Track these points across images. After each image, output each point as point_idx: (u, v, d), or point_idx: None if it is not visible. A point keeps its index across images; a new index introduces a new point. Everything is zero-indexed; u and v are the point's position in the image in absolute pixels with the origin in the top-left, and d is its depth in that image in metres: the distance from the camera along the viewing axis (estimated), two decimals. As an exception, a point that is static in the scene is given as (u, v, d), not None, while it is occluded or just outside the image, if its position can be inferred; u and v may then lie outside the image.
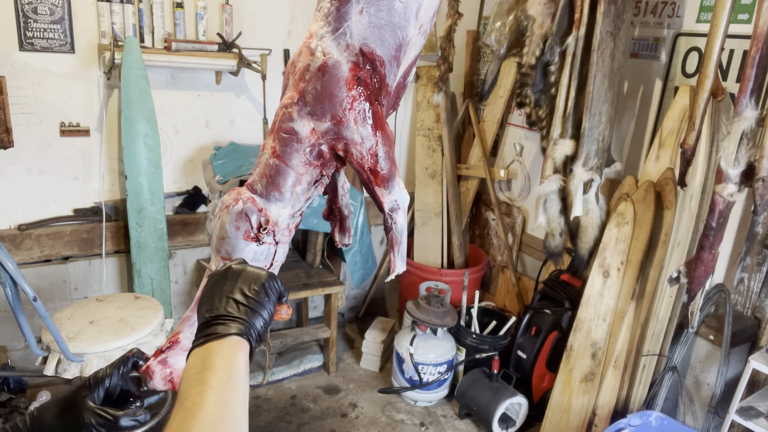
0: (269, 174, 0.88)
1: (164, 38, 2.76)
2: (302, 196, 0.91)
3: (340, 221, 1.06)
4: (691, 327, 2.38)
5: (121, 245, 3.02)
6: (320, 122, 0.85)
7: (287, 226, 0.91)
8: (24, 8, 2.54)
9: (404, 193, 0.92)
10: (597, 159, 2.62)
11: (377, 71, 0.87)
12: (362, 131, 0.85)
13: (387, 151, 0.88)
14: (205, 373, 0.66)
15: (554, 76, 2.63)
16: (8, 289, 1.92)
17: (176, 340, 0.88)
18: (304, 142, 0.86)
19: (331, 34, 0.84)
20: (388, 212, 0.91)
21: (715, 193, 2.06)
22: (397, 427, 2.97)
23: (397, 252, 0.94)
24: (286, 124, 0.87)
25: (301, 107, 0.85)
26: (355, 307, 4.01)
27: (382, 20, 0.85)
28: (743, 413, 2.23)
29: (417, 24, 0.90)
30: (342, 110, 0.84)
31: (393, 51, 0.88)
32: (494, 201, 3.60)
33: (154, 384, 0.87)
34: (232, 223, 0.87)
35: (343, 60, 0.84)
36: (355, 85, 0.84)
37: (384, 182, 0.89)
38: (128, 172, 2.77)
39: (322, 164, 0.89)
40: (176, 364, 0.88)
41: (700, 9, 2.55)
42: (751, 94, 1.93)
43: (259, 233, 0.88)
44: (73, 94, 2.76)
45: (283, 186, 0.88)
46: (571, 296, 2.89)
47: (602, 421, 2.57)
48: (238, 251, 0.88)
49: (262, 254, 0.90)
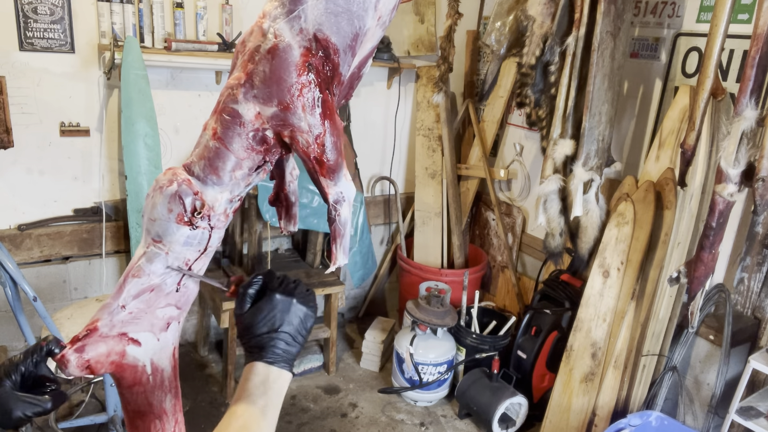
0: (208, 156, 0.85)
1: (164, 38, 2.76)
2: (242, 182, 0.88)
3: (287, 208, 1.04)
4: (691, 327, 2.38)
5: (121, 245, 3.02)
6: (266, 106, 0.83)
7: (224, 211, 0.89)
8: (24, 8, 2.54)
9: (350, 185, 0.90)
10: (597, 159, 2.62)
11: (330, 59, 0.84)
12: (310, 119, 0.83)
13: (335, 141, 0.85)
14: (270, 395, 0.87)
15: (554, 76, 2.63)
16: (8, 289, 1.92)
17: (94, 328, 0.87)
18: (247, 126, 0.84)
19: (285, 16, 0.81)
20: (333, 204, 0.88)
21: (715, 193, 2.06)
22: (397, 427, 2.97)
23: (339, 245, 0.92)
24: (230, 106, 0.84)
25: (248, 89, 0.83)
26: (355, 307, 4.01)
27: (340, 8, 0.82)
28: (743, 413, 2.23)
29: (376, 15, 0.87)
30: (290, 96, 0.81)
31: (348, 40, 0.85)
32: (494, 201, 3.60)
33: (70, 371, 0.86)
34: (165, 204, 0.84)
35: (295, 44, 0.81)
36: (305, 71, 0.82)
37: (329, 173, 0.86)
38: (128, 172, 2.77)
39: (265, 150, 0.86)
40: (93, 351, 0.86)
41: (700, 9, 2.55)
42: (751, 94, 1.93)
43: (193, 217, 0.85)
44: (73, 94, 2.76)
45: (222, 170, 0.85)
46: (571, 296, 2.89)
47: (602, 421, 2.57)
48: (169, 234, 0.85)
49: (195, 239, 0.87)
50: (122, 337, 0.89)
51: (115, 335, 0.88)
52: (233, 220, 3.11)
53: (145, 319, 0.90)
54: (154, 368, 0.93)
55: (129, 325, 0.89)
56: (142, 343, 0.91)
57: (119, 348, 0.89)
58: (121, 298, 0.88)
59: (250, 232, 3.02)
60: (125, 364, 0.90)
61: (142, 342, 0.91)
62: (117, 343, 0.88)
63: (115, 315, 0.88)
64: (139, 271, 0.88)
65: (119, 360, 0.89)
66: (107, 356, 0.88)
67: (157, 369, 0.93)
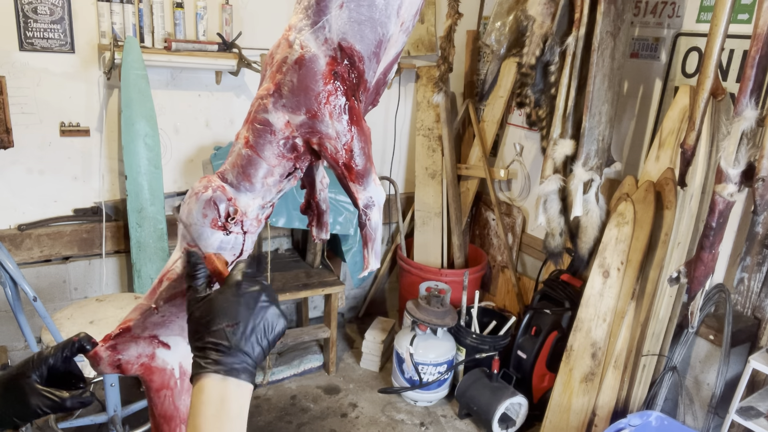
0: (241, 164, 0.87)
1: (164, 38, 2.76)
2: (273, 188, 0.90)
3: (318, 216, 1.05)
4: (691, 327, 2.38)
5: (121, 245, 3.02)
6: (295, 115, 0.85)
7: (256, 216, 0.90)
8: (24, 8, 2.54)
9: (380, 190, 0.92)
10: (597, 159, 2.62)
11: (355, 67, 0.86)
12: (337, 126, 0.85)
13: (362, 147, 0.87)
14: (223, 419, 0.70)
15: (554, 76, 2.63)
16: (8, 289, 1.92)
17: (127, 327, 0.88)
18: (277, 134, 0.86)
19: (309, 27, 0.84)
20: (363, 209, 0.90)
21: (715, 193, 2.06)
22: (397, 427, 2.97)
23: (371, 249, 0.93)
24: (260, 115, 0.86)
25: (277, 99, 0.85)
26: (355, 307, 4.01)
27: (363, 16, 0.84)
28: (743, 413, 2.23)
29: (398, 21, 0.89)
30: (317, 104, 0.84)
31: (373, 47, 0.87)
32: (494, 201, 3.60)
33: (101, 369, 0.87)
34: (200, 210, 0.86)
35: (321, 54, 0.84)
36: (331, 80, 0.84)
37: (358, 178, 0.88)
38: (128, 172, 2.77)
39: (295, 157, 0.89)
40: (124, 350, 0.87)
41: (700, 9, 2.55)
42: (751, 94, 1.93)
43: (226, 222, 0.87)
44: (73, 94, 2.76)
45: (254, 177, 0.87)
46: (571, 296, 2.89)
47: (602, 421, 2.57)
48: (203, 239, 0.87)
49: (228, 243, 0.89)
50: (153, 339, 0.90)
51: (147, 336, 0.89)
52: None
53: (177, 323, 0.91)
54: (182, 372, 0.93)
55: (160, 327, 0.90)
56: (172, 347, 0.92)
57: (149, 350, 0.90)
58: (154, 299, 0.89)
59: (250, 232, 3.02)
60: (154, 366, 0.90)
61: (171, 345, 0.92)
62: (147, 345, 0.89)
63: (148, 316, 0.89)
64: (173, 273, 0.89)
65: (148, 362, 0.90)
66: (137, 357, 0.89)
67: (185, 373, 0.94)
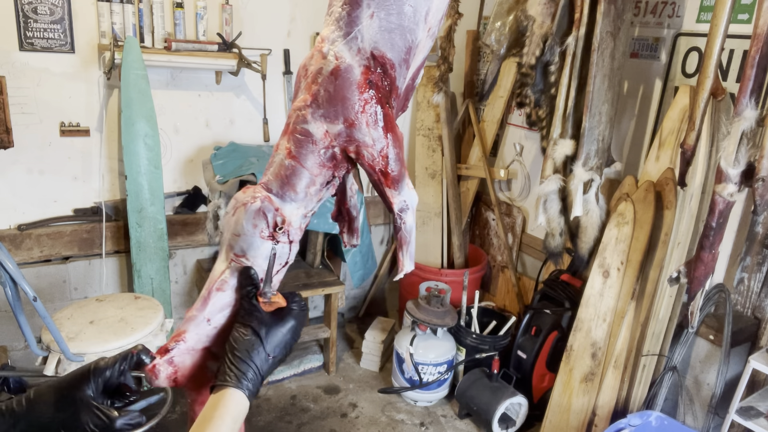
0: (285, 174, 0.89)
1: (164, 38, 2.76)
2: (315, 197, 0.92)
3: (349, 222, 1.07)
4: (691, 327, 2.38)
5: (121, 245, 3.02)
6: (333, 124, 0.87)
7: (299, 225, 0.92)
8: (24, 8, 2.54)
9: (413, 193, 0.95)
10: (597, 159, 2.62)
11: (388, 74, 0.89)
12: (373, 133, 0.87)
13: (397, 152, 0.90)
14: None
15: (554, 76, 2.63)
16: (8, 289, 1.92)
17: (182, 339, 0.88)
18: (318, 143, 0.88)
19: (343, 38, 0.86)
20: (398, 213, 0.92)
21: (715, 193, 2.06)
22: (397, 427, 2.97)
23: (405, 251, 0.95)
24: (300, 126, 0.88)
25: (315, 110, 0.87)
26: (355, 307, 4.01)
27: (392, 24, 0.87)
28: (743, 413, 2.23)
29: (426, 27, 0.91)
30: (354, 113, 0.86)
31: (403, 54, 0.90)
32: (494, 201, 3.60)
33: (159, 382, 0.87)
34: (250, 220, 0.87)
35: (355, 64, 0.86)
36: (366, 89, 0.86)
37: (394, 183, 0.90)
38: (128, 172, 2.77)
39: (334, 166, 0.91)
40: (182, 363, 0.87)
41: (700, 9, 2.55)
42: (751, 94, 1.93)
43: (275, 232, 0.88)
44: (73, 94, 2.76)
45: (298, 186, 0.89)
46: (571, 296, 2.89)
47: (602, 421, 2.57)
48: (253, 249, 0.88)
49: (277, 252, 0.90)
50: (206, 351, 0.89)
51: (200, 349, 0.89)
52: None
53: (224, 336, 0.90)
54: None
55: (212, 339, 0.89)
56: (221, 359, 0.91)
57: (201, 362, 0.89)
58: (206, 311, 0.88)
59: (250, 232, 3.02)
60: (205, 379, 0.89)
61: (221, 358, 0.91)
62: (201, 357, 0.89)
63: (201, 328, 0.88)
64: (223, 284, 0.89)
65: (200, 375, 0.89)
66: (191, 369, 0.88)
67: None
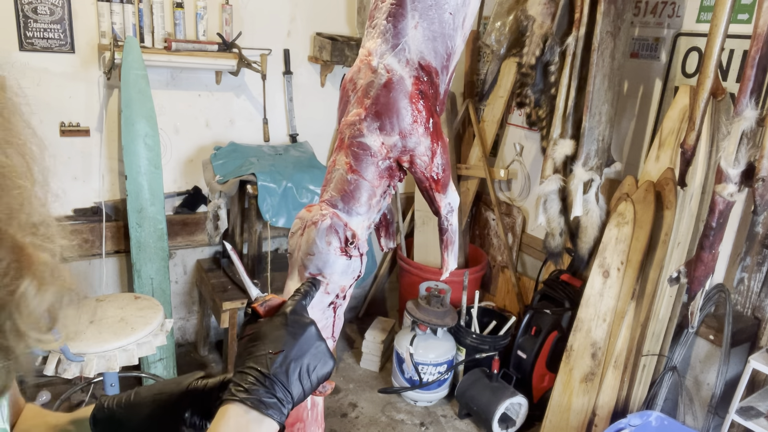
0: (349, 189, 0.90)
1: (164, 38, 2.76)
2: (375, 208, 0.94)
3: (386, 226, 1.08)
4: (691, 327, 2.38)
5: (121, 245, 3.02)
6: (389, 136, 0.89)
7: (365, 238, 0.94)
8: (24, 8, 2.54)
9: (456, 194, 0.97)
10: (597, 159, 2.62)
11: (433, 82, 0.91)
12: (425, 142, 0.90)
13: (446, 158, 0.93)
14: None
15: (554, 76, 2.63)
16: (8, 289, 1.92)
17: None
18: (376, 155, 0.90)
19: (390, 51, 0.88)
20: (445, 216, 0.95)
21: (715, 193, 2.06)
22: (397, 427, 2.97)
23: (451, 251, 0.97)
24: (357, 140, 0.90)
25: (370, 123, 0.89)
26: (355, 307, 4.01)
27: (435, 32, 0.89)
28: (743, 413, 2.23)
29: (462, 32, 0.94)
30: (408, 124, 0.88)
31: (444, 61, 0.92)
32: (494, 201, 3.60)
33: None
34: (323, 238, 0.87)
35: (406, 75, 0.88)
36: (418, 99, 0.88)
37: (443, 188, 0.93)
38: (128, 172, 2.77)
39: (390, 176, 0.93)
40: None
41: (700, 9, 2.55)
42: (751, 94, 1.93)
43: (347, 247, 0.89)
44: (73, 94, 2.76)
45: (362, 199, 0.91)
46: (571, 296, 2.89)
47: (602, 421, 2.57)
48: (330, 266, 0.88)
49: (350, 267, 0.91)
50: None
51: None
52: (233, 220, 3.11)
53: None
54: (313, 403, 0.92)
55: None
56: None
57: None
58: None
59: (250, 232, 3.02)
60: None
61: None
62: None
63: None
64: None
65: None
66: None
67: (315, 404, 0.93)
